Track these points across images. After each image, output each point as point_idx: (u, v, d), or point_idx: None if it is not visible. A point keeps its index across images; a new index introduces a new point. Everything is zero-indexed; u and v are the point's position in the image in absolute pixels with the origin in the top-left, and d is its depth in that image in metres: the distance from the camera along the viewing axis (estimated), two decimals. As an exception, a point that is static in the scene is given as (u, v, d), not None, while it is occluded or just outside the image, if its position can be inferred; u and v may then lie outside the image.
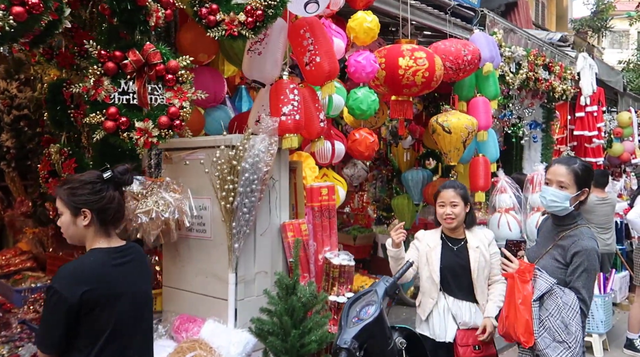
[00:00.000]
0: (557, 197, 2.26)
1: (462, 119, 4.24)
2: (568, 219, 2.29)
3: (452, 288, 2.67)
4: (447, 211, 2.71)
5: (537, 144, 6.92)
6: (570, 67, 6.58)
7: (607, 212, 5.37)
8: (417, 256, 2.77)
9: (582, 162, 2.33)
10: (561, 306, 2.13)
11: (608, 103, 10.11)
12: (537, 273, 2.22)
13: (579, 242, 2.21)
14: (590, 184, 2.30)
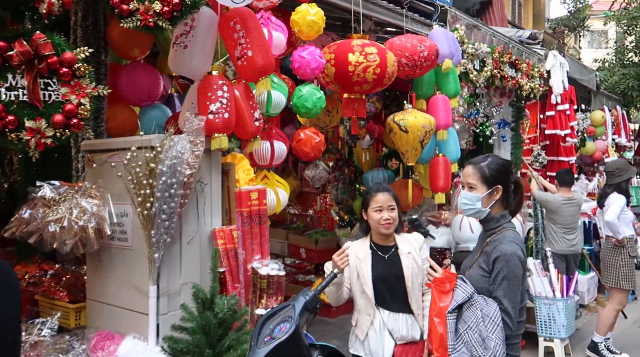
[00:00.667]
0: (468, 199, 2.12)
1: (420, 117, 4.08)
2: (492, 222, 2.13)
3: (386, 301, 2.49)
4: (384, 215, 2.51)
5: (507, 143, 6.79)
6: (539, 65, 6.47)
7: (573, 212, 5.26)
8: (349, 272, 2.58)
9: (493, 159, 2.16)
10: (480, 318, 1.94)
11: (581, 102, 10.08)
12: (458, 283, 2.04)
13: (498, 247, 2.03)
14: (505, 180, 2.12)
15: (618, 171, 4.73)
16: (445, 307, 1.99)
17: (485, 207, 2.10)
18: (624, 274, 4.47)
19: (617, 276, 4.50)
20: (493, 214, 2.12)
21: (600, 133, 9.44)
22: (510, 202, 2.16)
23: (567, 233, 5.23)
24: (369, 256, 2.57)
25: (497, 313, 1.96)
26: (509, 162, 2.25)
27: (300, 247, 5.41)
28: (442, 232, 4.88)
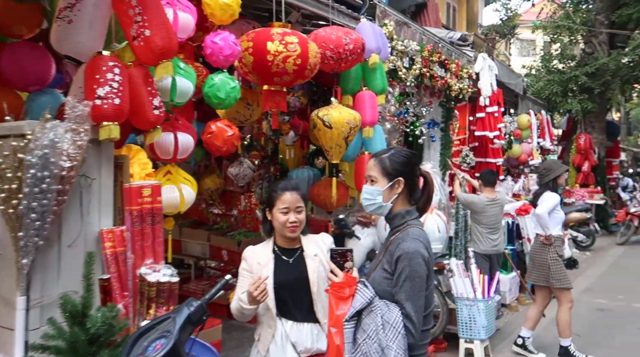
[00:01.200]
0: (369, 193, 1.95)
1: (344, 113, 3.92)
2: (397, 219, 1.95)
3: (290, 310, 2.26)
4: (291, 218, 2.25)
5: (436, 143, 6.81)
6: (468, 66, 6.53)
7: (496, 212, 5.30)
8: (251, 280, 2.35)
9: (396, 151, 2.00)
10: (380, 325, 1.76)
11: (509, 105, 10.40)
12: (359, 287, 1.85)
13: (401, 245, 1.85)
14: (409, 173, 1.96)
15: (546, 171, 4.76)
16: (343, 316, 1.81)
17: (386, 202, 1.93)
18: (553, 273, 4.46)
19: (547, 274, 4.49)
20: (398, 210, 1.95)
21: (526, 136, 9.76)
22: (416, 198, 2.01)
23: (490, 233, 5.26)
24: (272, 261, 2.32)
25: (398, 319, 1.78)
26: (414, 154, 2.08)
27: (223, 249, 5.11)
28: (368, 233, 4.76)
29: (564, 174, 4.80)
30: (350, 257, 1.91)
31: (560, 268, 4.47)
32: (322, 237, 2.45)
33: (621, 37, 11.60)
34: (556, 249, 4.50)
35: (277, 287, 2.26)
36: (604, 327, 5.39)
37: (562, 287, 4.47)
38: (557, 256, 4.48)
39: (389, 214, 1.96)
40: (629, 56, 10.74)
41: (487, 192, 5.33)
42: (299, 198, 2.30)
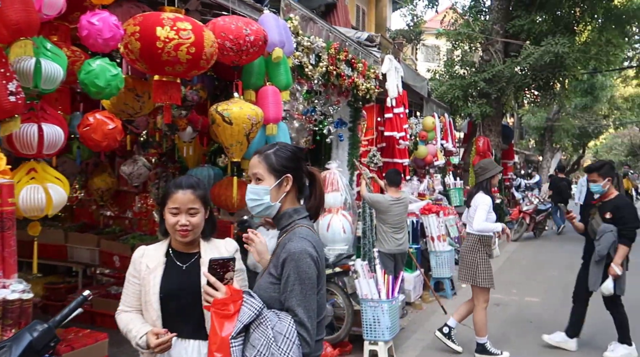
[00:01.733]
0: (255, 193, 1.79)
1: (246, 108, 3.69)
2: (284, 219, 1.81)
3: (176, 324, 2.00)
4: (181, 220, 2.00)
5: (344, 143, 6.78)
6: (375, 67, 6.56)
7: (401, 211, 5.34)
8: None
9: (281, 147, 1.87)
10: (272, 338, 1.59)
11: (415, 108, 10.71)
12: (245, 299, 1.66)
13: (287, 245, 1.70)
14: (296, 169, 1.84)
15: (481, 170, 4.76)
16: (228, 337, 1.59)
17: (274, 202, 1.78)
18: (481, 272, 4.48)
19: (474, 273, 4.51)
20: (285, 210, 1.81)
21: (431, 138, 10.09)
22: (305, 195, 1.87)
23: (395, 232, 5.29)
24: (162, 266, 2.06)
25: (291, 329, 1.62)
26: (300, 149, 1.95)
27: (114, 254, 4.66)
28: (274, 235, 4.56)
29: (498, 175, 4.80)
30: (232, 266, 1.70)
31: (488, 268, 4.50)
32: (226, 243, 2.20)
33: (515, 47, 12.38)
34: (486, 249, 4.53)
35: (164, 297, 2.00)
36: (501, 321, 5.63)
37: (484, 287, 4.50)
38: (487, 255, 4.53)
39: (277, 214, 1.79)
40: (521, 64, 11.49)
41: (392, 192, 5.35)
42: (194, 198, 2.03)
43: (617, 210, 4.44)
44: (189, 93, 3.97)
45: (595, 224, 4.52)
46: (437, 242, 6.42)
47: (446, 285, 6.48)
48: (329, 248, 4.38)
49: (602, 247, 4.35)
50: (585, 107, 24.70)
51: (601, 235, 4.40)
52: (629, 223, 4.41)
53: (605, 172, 4.54)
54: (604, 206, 4.53)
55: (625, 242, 4.39)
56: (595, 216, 4.56)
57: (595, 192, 4.59)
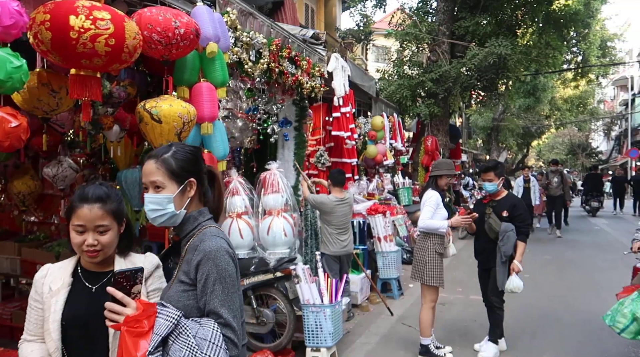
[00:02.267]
0: (157, 203, 1.62)
1: (176, 106, 3.46)
2: (189, 224, 1.67)
3: (78, 355, 1.74)
4: (88, 240, 1.73)
5: (290, 143, 6.62)
6: (320, 65, 6.43)
7: (345, 212, 5.23)
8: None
9: (179, 148, 1.70)
10: (195, 346, 1.44)
11: (364, 107, 10.69)
12: (159, 309, 1.49)
13: (200, 246, 1.58)
14: (197, 171, 1.70)
15: (433, 167, 4.73)
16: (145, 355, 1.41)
17: (179, 209, 1.63)
18: (429, 270, 4.41)
19: (422, 271, 4.44)
20: (189, 213, 1.67)
21: (380, 137, 10.09)
22: (208, 197, 1.73)
23: (340, 234, 5.18)
24: (66, 288, 1.78)
25: (216, 333, 1.49)
26: (198, 149, 1.79)
27: (37, 263, 4.31)
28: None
29: (446, 178, 4.63)
30: (140, 278, 1.51)
31: (436, 266, 4.40)
32: (146, 258, 1.94)
33: (461, 48, 12.60)
34: (435, 247, 4.43)
35: (67, 324, 1.74)
36: (446, 320, 5.63)
37: (431, 285, 4.42)
38: (436, 253, 4.43)
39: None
40: (467, 65, 11.69)
41: (336, 192, 5.24)
42: (102, 214, 1.75)
43: (514, 208, 4.49)
44: (115, 89, 3.70)
45: (495, 224, 4.50)
46: (384, 242, 6.36)
47: (393, 286, 6.43)
48: (269, 252, 4.21)
49: (508, 247, 4.36)
50: (529, 108, 25.65)
51: (504, 235, 4.39)
52: (526, 220, 4.52)
53: (500, 172, 4.62)
54: (499, 205, 4.55)
55: (523, 239, 4.46)
56: (492, 215, 4.54)
57: (489, 191, 4.62)
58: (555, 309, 5.96)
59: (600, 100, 38.22)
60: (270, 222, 4.19)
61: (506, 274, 4.41)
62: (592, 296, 6.57)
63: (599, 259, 9.27)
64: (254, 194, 4.30)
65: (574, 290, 6.87)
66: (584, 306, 6.09)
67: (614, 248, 10.56)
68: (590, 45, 18.04)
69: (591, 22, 16.04)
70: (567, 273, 8.11)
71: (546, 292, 6.82)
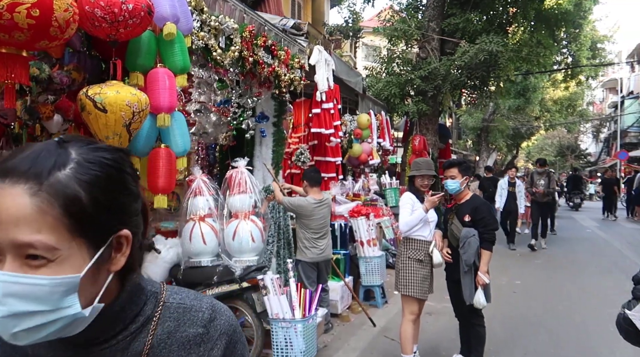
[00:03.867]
0: (35, 298, 0.72)
1: (124, 93, 3.02)
2: (125, 311, 1.00)
3: None
4: None
5: (268, 139, 6.19)
6: (300, 56, 6.00)
7: (324, 214, 4.82)
8: None
9: (83, 151, 0.86)
10: None
11: (351, 104, 10.28)
12: None
13: (209, 330, 0.92)
14: (126, 206, 1.16)
15: (411, 167, 4.24)
16: None
17: (91, 304, 0.87)
18: (402, 278, 3.95)
19: (397, 280, 4.01)
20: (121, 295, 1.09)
21: (366, 136, 9.68)
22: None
23: (319, 239, 4.77)
24: None
25: None
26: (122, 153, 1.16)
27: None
28: (172, 245, 3.91)
29: (421, 179, 4.07)
30: None
31: (411, 274, 3.92)
32: None
33: (451, 45, 12.25)
34: (412, 253, 3.97)
35: None
36: (432, 332, 5.23)
37: (407, 295, 3.94)
38: (411, 260, 3.94)
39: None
40: (457, 62, 11.33)
41: (314, 193, 4.83)
42: None
43: (476, 211, 3.94)
44: (57, 74, 3.24)
45: (456, 229, 3.99)
46: (367, 247, 5.95)
47: (377, 293, 6.02)
48: (235, 259, 3.77)
49: (469, 255, 3.83)
50: (519, 109, 25.45)
51: (464, 241, 3.87)
52: (490, 225, 3.94)
53: (464, 169, 4.07)
54: (462, 208, 4.02)
55: (487, 247, 3.91)
56: (454, 220, 4.04)
57: (451, 191, 4.06)
58: (547, 320, 5.59)
59: (590, 102, 38.24)
60: (237, 226, 3.76)
61: (472, 285, 3.87)
62: (586, 305, 6.21)
63: (592, 264, 8.94)
64: (220, 195, 3.86)
65: (567, 299, 6.51)
66: (579, 317, 5.72)
67: (607, 252, 10.26)
68: (580, 46, 17.81)
69: (582, 23, 15.81)
70: (559, 279, 7.76)
71: (538, 300, 6.46)
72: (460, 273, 3.87)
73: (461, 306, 3.98)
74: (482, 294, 3.81)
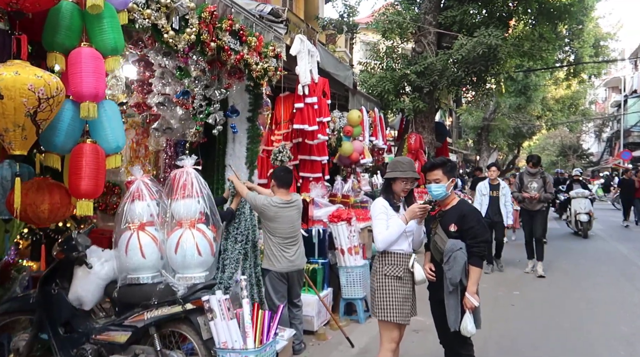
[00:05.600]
0: None
1: (26, 74, 2.46)
2: None
3: None
4: None
5: (242, 136, 5.61)
6: (275, 43, 5.42)
7: (292, 217, 4.25)
8: None
9: None
10: None
11: (341, 100, 9.69)
12: None
13: None
14: None
15: (388, 167, 3.57)
16: None
17: None
18: (378, 299, 3.33)
19: (372, 302, 3.40)
20: None
21: (357, 133, 9.12)
22: None
23: (287, 245, 4.21)
24: None
25: None
26: None
27: None
28: (108, 257, 3.34)
29: (404, 183, 3.40)
30: None
31: (388, 294, 3.29)
32: None
33: (448, 39, 11.68)
34: (385, 269, 3.33)
35: None
36: (418, 353, 4.66)
37: (384, 320, 3.30)
38: (387, 278, 3.32)
39: None
40: (454, 56, 10.74)
41: (281, 194, 4.26)
42: None
43: (464, 219, 3.26)
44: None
45: (440, 241, 3.34)
46: (348, 255, 5.35)
47: (359, 307, 5.41)
48: (178, 276, 3.19)
49: (455, 272, 3.18)
50: (520, 108, 24.88)
51: (449, 255, 3.22)
52: (480, 236, 3.24)
53: (450, 170, 3.39)
54: (447, 216, 3.36)
55: (476, 263, 3.22)
56: (438, 230, 3.38)
57: (436, 196, 3.39)
58: (552, 341, 4.98)
59: (592, 101, 37.58)
60: (180, 237, 3.17)
61: (458, 309, 3.22)
62: (596, 321, 5.60)
63: (597, 272, 8.31)
64: (165, 199, 3.28)
65: (573, 313, 5.89)
66: (588, 336, 5.12)
67: (613, 259, 9.63)
68: (583, 44, 17.18)
69: (585, 20, 15.19)
70: (562, 289, 7.16)
71: (540, 315, 5.86)
72: (444, 293, 3.27)
73: (446, 332, 3.35)
74: (471, 319, 3.19)
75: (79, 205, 2.85)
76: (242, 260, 4.43)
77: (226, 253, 4.50)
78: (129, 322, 3.15)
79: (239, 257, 4.53)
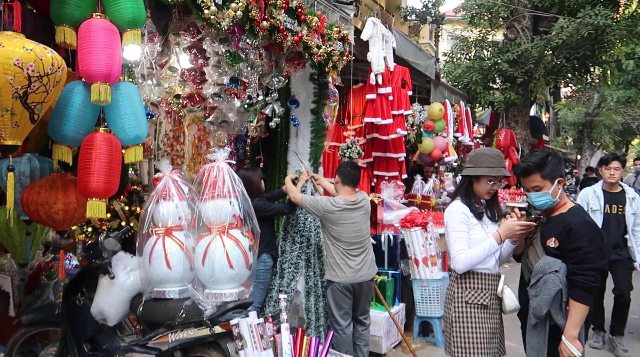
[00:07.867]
0: None
1: (12, 47, 2.04)
2: None
3: None
4: None
5: (306, 130, 5.05)
6: (341, 25, 4.80)
7: (359, 221, 3.62)
8: None
9: None
10: None
11: (422, 92, 8.89)
12: None
13: None
14: None
15: (467, 161, 2.79)
16: None
17: None
18: (457, 335, 2.59)
19: (449, 337, 2.65)
20: None
21: (439, 129, 8.29)
22: None
23: (352, 253, 3.58)
24: None
25: None
26: None
27: None
28: (132, 267, 2.90)
29: (488, 182, 2.62)
30: None
31: (469, 328, 2.54)
32: None
33: (545, 24, 10.44)
34: (467, 295, 2.58)
35: None
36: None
37: None
38: (469, 306, 2.57)
39: None
40: (553, 40, 9.49)
41: (346, 193, 3.63)
42: None
43: (569, 235, 2.38)
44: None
45: (533, 256, 2.54)
46: (423, 266, 4.58)
47: (436, 327, 4.63)
48: (207, 292, 2.65)
49: (541, 300, 2.37)
50: (629, 101, 22.28)
51: (538, 277, 2.40)
52: (588, 260, 2.32)
53: (552, 170, 2.46)
54: (549, 225, 2.51)
55: (580, 297, 2.33)
56: (535, 242, 2.56)
57: (540, 207, 2.52)
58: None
59: None
60: (207, 245, 2.63)
61: (542, 351, 2.41)
62: None
63: None
64: (197, 200, 2.78)
65: None
66: None
67: None
68: None
69: None
70: None
71: None
72: (527, 326, 2.44)
73: None
74: None
75: (89, 205, 2.42)
76: (304, 267, 3.89)
77: (284, 256, 4.03)
78: (153, 344, 2.69)
79: (299, 261, 4.03)
